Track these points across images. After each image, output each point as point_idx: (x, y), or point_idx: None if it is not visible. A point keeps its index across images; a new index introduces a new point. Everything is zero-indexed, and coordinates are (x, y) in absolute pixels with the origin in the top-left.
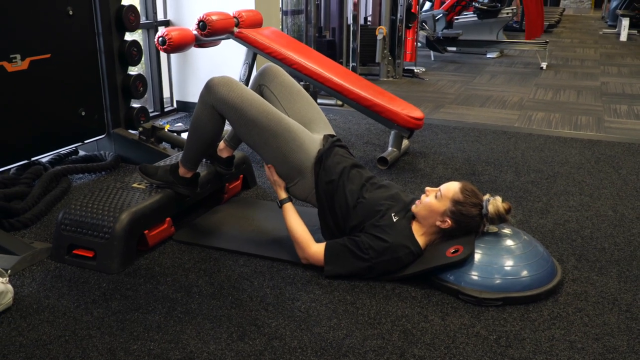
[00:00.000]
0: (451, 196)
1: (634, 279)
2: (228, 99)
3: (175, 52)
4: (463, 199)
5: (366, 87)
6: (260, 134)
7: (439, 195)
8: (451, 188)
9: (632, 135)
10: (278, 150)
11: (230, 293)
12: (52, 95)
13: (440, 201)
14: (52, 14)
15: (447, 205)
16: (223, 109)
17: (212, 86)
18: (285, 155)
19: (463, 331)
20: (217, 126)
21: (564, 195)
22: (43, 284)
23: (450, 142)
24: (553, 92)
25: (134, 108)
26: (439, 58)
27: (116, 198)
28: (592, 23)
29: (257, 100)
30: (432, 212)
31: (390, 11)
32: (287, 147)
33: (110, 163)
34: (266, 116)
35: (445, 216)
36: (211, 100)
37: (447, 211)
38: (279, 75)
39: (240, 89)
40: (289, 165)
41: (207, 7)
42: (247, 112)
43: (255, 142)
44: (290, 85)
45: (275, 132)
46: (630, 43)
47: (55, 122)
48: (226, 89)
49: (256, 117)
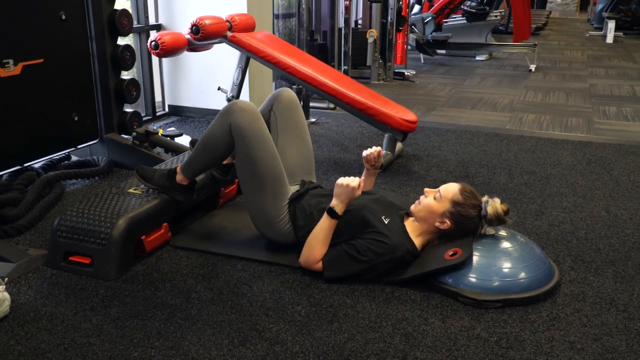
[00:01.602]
0: (450, 197)
1: (630, 279)
2: (246, 127)
3: (167, 56)
4: (462, 200)
5: (360, 90)
6: (255, 174)
7: (438, 197)
8: (450, 189)
9: (622, 137)
10: (259, 196)
11: (229, 298)
12: (45, 100)
13: (439, 202)
14: (44, 18)
15: (447, 206)
16: (237, 134)
17: (237, 110)
18: (262, 202)
19: (464, 333)
20: (228, 146)
21: (557, 197)
22: (40, 291)
23: (443, 145)
24: (543, 94)
25: (127, 113)
26: (428, 61)
27: (112, 204)
28: (579, 25)
29: (271, 145)
30: (432, 213)
31: (380, 14)
32: (267, 197)
33: (103, 168)
34: (271, 163)
35: (444, 217)
36: (230, 120)
37: (446, 212)
38: (293, 111)
39: (261, 124)
40: (261, 211)
41: (198, 11)
42: (256, 150)
43: (245, 177)
44: (298, 127)
45: (268, 182)
46: (616, 45)
47: (48, 127)
48: (249, 117)
49: (262, 159)
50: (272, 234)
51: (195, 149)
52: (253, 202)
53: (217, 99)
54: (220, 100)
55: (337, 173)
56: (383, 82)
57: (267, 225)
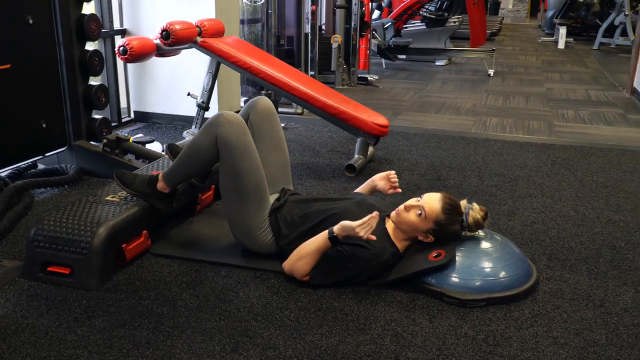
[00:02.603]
0: (434, 218)
1: (603, 276)
2: (233, 140)
3: (136, 61)
4: (445, 220)
5: (331, 95)
6: (239, 186)
7: (422, 217)
8: (434, 209)
9: (582, 139)
10: (242, 208)
11: (216, 305)
12: (13, 106)
13: (423, 221)
14: (11, 23)
15: (430, 225)
16: (223, 146)
17: (224, 122)
18: (244, 214)
19: (452, 332)
20: (213, 157)
21: (527, 198)
22: (18, 303)
23: (412, 149)
24: (503, 98)
25: (96, 119)
26: (390, 66)
27: (91, 212)
28: (530, 31)
29: (255, 158)
30: (415, 230)
31: (344, 20)
32: (250, 210)
33: (73, 176)
34: (255, 176)
35: (428, 233)
36: (217, 132)
37: (430, 230)
38: (270, 120)
39: (247, 137)
40: (243, 222)
41: (164, 16)
42: (241, 162)
43: (228, 188)
44: (276, 136)
45: (251, 195)
46: (568, 50)
47: (15, 134)
48: (235, 130)
49: (246, 172)
50: (252, 245)
51: (179, 157)
52: (235, 214)
53: (186, 104)
54: (188, 106)
55: (311, 178)
56: (347, 87)
57: (248, 236)
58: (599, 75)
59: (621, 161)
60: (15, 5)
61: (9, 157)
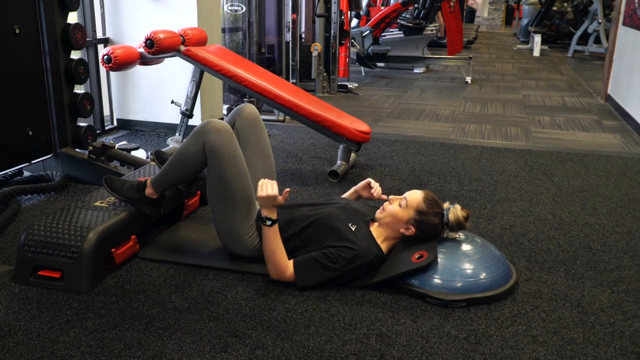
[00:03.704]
0: (415, 206)
1: (580, 277)
2: (220, 148)
3: (120, 70)
4: (426, 209)
5: (314, 102)
6: (226, 193)
7: (403, 205)
8: (415, 198)
9: (558, 145)
10: (229, 214)
11: (205, 307)
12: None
13: (404, 210)
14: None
15: (411, 214)
16: (210, 153)
17: (211, 129)
18: (231, 220)
19: (435, 332)
20: (201, 164)
21: (506, 202)
22: (10, 306)
23: (393, 155)
24: (481, 105)
25: (81, 127)
26: (369, 73)
27: (81, 217)
28: (506, 39)
29: (242, 165)
30: (397, 220)
31: (324, 28)
32: (237, 216)
33: (59, 183)
34: (242, 183)
35: (409, 224)
36: (204, 140)
37: (411, 219)
38: (256, 127)
39: (235, 146)
40: (230, 228)
41: (146, 25)
42: (229, 170)
43: (216, 195)
44: (261, 144)
45: (238, 201)
46: (543, 58)
47: (2, 142)
48: (223, 137)
49: (234, 179)
50: (239, 250)
51: (168, 164)
52: (222, 220)
53: (169, 112)
54: (172, 113)
55: (295, 184)
56: (328, 94)
57: (236, 242)
58: (574, 82)
59: (596, 166)
60: (1, 15)
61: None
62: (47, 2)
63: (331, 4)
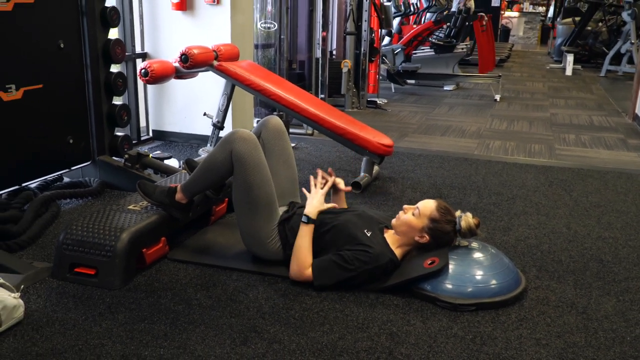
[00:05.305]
0: (428, 214)
1: (588, 286)
2: (246, 156)
3: (156, 83)
4: (439, 217)
5: (339, 116)
6: (251, 199)
7: (417, 213)
8: (428, 207)
9: (581, 162)
10: (253, 218)
11: (228, 304)
12: (43, 123)
13: (418, 219)
14: (44, 47)
15: (425, 222)
16: (237, 161)
17: (238, 138)
18: (255, 224)
19: (442, 332)
20: (228, 171)
21: (523, 215)
22: (49, 299)
23: (416, 168)
24: (507, 123)
25: (118, 136)
26: (399, 90)
27: (115, 219)
28: (539, 58)
29: (266, 172)
30: (411, 228)
31: (354, 46)
32: (260, 220)
33: (96, 189)
34: (266, 189)
35: (423, 232)
36: (231, 148)
37: (425, 228)
38: (280, 138)
39: (260, 154)
40: (254, 232)
41: (182, 41)
42: (253, 176)
43: (241, 200)
44: (285, 153)
45: (262, 206)
46: (575, 77)
47: (45, 149)
48: (249, 146)
49: (258, 185)
50: (262, 253)
51: (197, 171)
52: (246, 224)
53: (201, 124)
54: (204, 125)
55: None
56: (357, 109)
57: (259, 245)
58: (604, 102)
59: (617, 183)
60: (48, 31)
61: (38, 169)
62: (90, 18)
63: (361, 22)
